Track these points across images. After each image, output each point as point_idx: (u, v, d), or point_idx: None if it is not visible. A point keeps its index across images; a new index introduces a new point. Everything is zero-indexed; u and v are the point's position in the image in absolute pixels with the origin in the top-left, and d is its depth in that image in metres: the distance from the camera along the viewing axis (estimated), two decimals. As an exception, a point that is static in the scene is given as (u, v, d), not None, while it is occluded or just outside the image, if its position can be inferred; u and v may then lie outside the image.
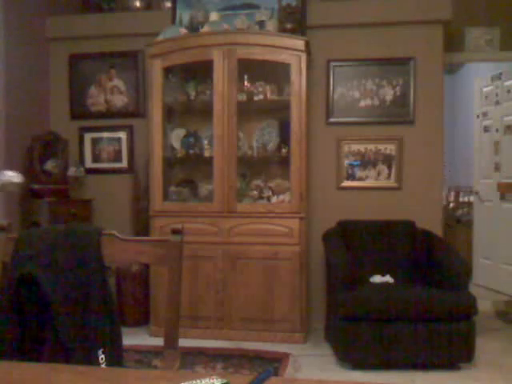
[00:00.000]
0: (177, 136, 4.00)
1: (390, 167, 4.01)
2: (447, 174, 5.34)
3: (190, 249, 3.49)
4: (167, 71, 3.82)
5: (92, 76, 4.39)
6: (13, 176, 3.37)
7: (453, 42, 4.20)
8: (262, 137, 3.94)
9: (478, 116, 5.58)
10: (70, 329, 1.40)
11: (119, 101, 4.38)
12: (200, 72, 3.90)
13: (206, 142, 3.90)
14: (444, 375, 3.01)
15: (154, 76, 3.74)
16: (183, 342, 1.61)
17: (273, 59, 3.61)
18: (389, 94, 4.01)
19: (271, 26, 3.80)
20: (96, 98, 4.40)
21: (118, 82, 4.37)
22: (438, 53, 3.96)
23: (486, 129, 5.39)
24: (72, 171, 4.19)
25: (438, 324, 3.02)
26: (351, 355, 3.08)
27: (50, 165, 4.15)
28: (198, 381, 1.00)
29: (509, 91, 4.98)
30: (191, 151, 3.93)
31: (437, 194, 4.01)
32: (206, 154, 3.87)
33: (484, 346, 3.41)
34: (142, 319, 3.93)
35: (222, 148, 3.65)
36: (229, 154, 3.65)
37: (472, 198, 5.93)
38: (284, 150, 3.75)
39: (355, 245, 3.65)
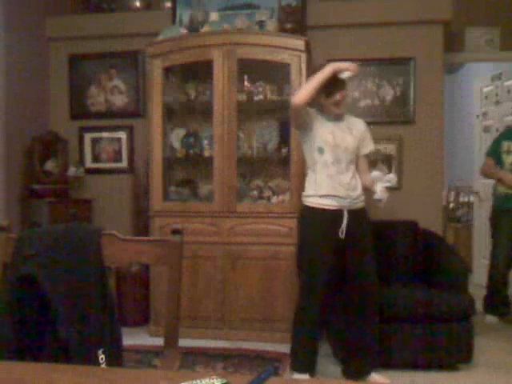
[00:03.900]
0: (177, 136, 4.00)
1: (390, 167, 4.01)
2: (447, 174, 5.34)
3: (190, 249, 3.49)
4: (167, 71, 3.82)
5: (92, 76, 4.39)
6: None
7: (453, 42, 4.20)
8: (261, 137, 3.93)
9: (477, 116, 5.58)
10: (70, 329, 1.40)
11: (119, 101, 4.38)
12: (200, 72, 3.90)
13: (205, 142, 3.90)
14: (444, 375, 3.00)
15: (154, 76, 3.74)
16: (183, 342, 1.61)
17: (273, 59, 3.61)
18: (389, 93, 4.01)
19: (271, 26, 3.80)
20: (96, 98, 4.40)
21: (117, 82, 4.37)
22: (438, 53, 3.96)
23: (486, 129, 5.39)
24: (72, 171, 4.19)
25: (437, 324, 3.02)
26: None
27: (50, 165, 4.15)
28: (198, 381, 1.00)
29: (509, 91, 4.97)
30: (191, 151, 3.92)
31: (437, 194, 4.01)
32: (206, 154, 3.87)
33: (483, 346, 3.41)
34: (142, 319, 3.93)
35: (221, 148, 3.65)
36: (229, 154, 3.65)
37: (472, 198, 5.93)
38: (284, 150, 3.75)
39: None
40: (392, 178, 2.76)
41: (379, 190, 2.76)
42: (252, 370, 3.02)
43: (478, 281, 5.39)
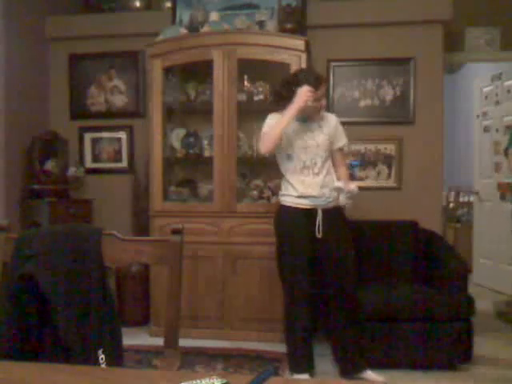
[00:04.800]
0: (177, 136, 4.00)
1: (389, 167, 4.01)
2: (447, 174, 5.33)
3: (190, 249, 3.49)
4: (167, 71, 3.82)
5: (92, 76, 4.38)
6: None
7: (453, 41, 4.19)
8: (262, 137, 3.93)
9: (478, 116, 5.58)
10: (70, 329, 1.40)
11: (119, 101, 4.37)
12: (200, 72, 3.90)
13: (205, 142, 3.90)
14: (444, 375, 3.00)
15: (154, 76, 3.74)
16: (183, 342, 1.61)
17: (273, 59, 3.61)
18: (389, 94, 4.01)
19: (271, 26, 3.80)
20: (96, 98, 4.40)
21: (117, 82, 4.37)
22: (438, 53, 3.96)
23: (486, 129, 5.39)
24: (72, 171, 4.19)
25: (437, 324, 3.02)
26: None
27: (50, 165, 4.15)
28: (198, 381, 1.00)
29: (509, 91, 4.98)
30: (191, 151, 3.92)
31: (437, 194, 4.01)
32: (206, 153, 3.87)
33: (484, 346, 3.41)
34: (142, 319, 3.93)
35: (221, 148, 3.65)
36: (229, 154, 3.65)
37: (472, 198, 5.93)
38: (284, 150, 3.75)
39: (355, 245, 3.64)
40: (353, 189, 2.79)
41: (341, 199, 2.82)
42: (252, 370, 3.02)
43: (478, 281, 5.39)
